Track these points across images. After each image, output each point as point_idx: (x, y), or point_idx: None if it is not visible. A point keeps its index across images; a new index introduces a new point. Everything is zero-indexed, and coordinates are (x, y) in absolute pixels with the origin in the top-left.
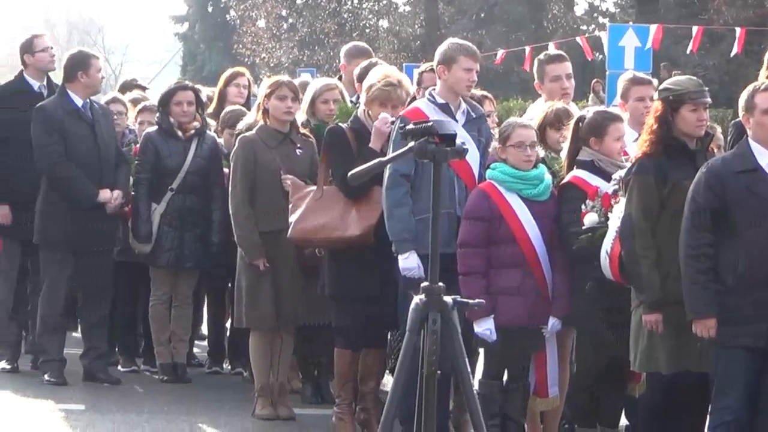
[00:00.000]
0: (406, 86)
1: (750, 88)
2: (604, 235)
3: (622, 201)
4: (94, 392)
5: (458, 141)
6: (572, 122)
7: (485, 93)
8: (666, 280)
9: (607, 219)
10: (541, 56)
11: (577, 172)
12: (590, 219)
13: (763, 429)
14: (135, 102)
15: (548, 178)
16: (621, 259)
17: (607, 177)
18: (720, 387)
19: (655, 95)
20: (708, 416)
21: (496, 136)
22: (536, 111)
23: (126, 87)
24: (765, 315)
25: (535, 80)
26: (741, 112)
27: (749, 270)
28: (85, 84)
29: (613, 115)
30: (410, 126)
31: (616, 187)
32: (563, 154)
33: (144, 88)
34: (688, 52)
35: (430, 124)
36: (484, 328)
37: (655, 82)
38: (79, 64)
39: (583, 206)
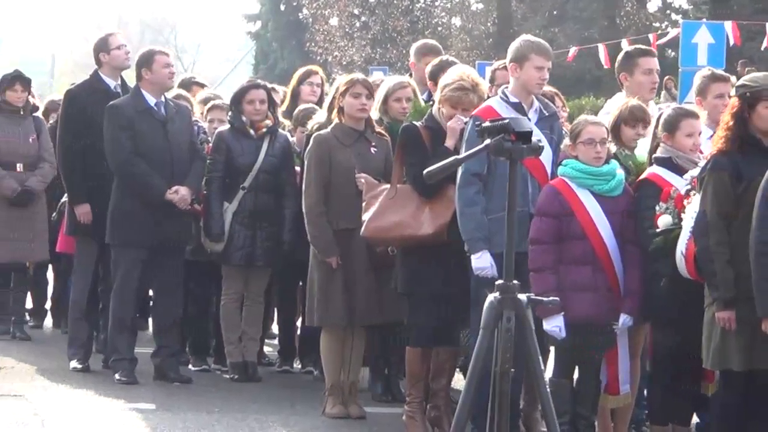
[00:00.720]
0: (481, 90)
1: None
2: (678, 237)
3: (695, 200)
4: (164, 391)
5: (534, 138)
6: (654, 119)
7: (554, 90)
8: (740, 277)
9: (681, 220)
10: (630, 49)
11: (655, 169)
12: (664, 221)
13: None
14: (205, 101)
15: (620, 173)
16: (696, 258)
17: (684, 174)
18: None
19: (732, 92)
20: None
21: (567, 133)
22: (615, 105)
23: (185, 86)
24: None
25: (619, 74)
26: None
27: None
28: (150, 80)
29: (687, 111)
30: (486, 124)
31: (689, 186)
32: (637, 151)
33: (202, 86)
34: (762, 48)
35: (506, 121)
36: (553, 325)
37: (732, 79)
38: (144, 62)
39: (657, 207)
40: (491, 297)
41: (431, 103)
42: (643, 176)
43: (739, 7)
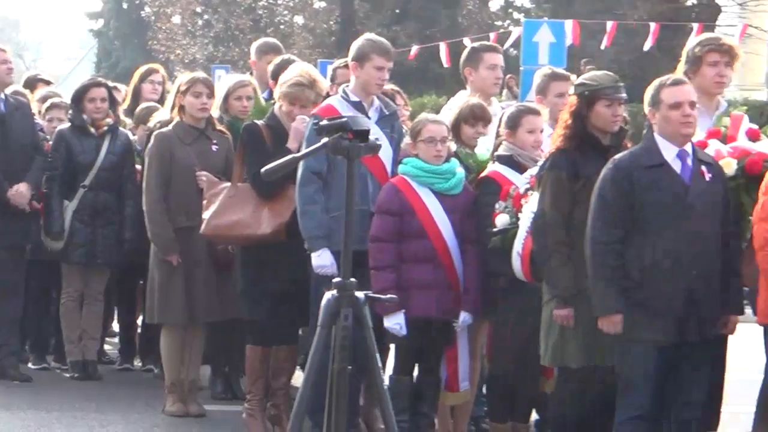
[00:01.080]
0: (319, 87)
1: (656, 83)
2: (515, 236)
3: (532, 199)
4: (4, 390)
5: (371, 137)
6: (496, 118)
7: (395, 87)
8: (578, 275)
9: (518, 219)
10: (476, 44)
11: (496, 167)
12: (502, 220)
13: (670, 424)
14: (44, 99)
15: (461, 172)
16: (532, 259)
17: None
18: (627, 382)
19: (571, 90)
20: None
21: (408, 131)
22: (457, 104)
23: (30, 83)
24: (672, 310)
25: (463, 68)
26: (647, 107)
27: (656, 265)
28: None
29: (528, 108)
30: (324, 122)
31: (528, 185)
32: (478, 150)
33: (48, 83)
34: (603, 47)
35: (344, 120)
36: (394, 322)
37: (573, 78)
38: None
39: (496, 206)
40: (329, 295)
41: (272, 101)
42: (484, 174)
43: (579, 6)
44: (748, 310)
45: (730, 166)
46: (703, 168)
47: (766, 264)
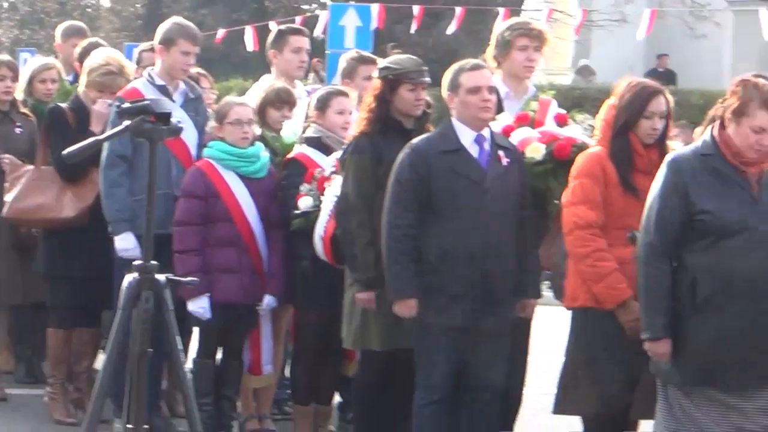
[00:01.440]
0: (127, 72)
1: (455, 67)
2: (318, 219)
3: (335, 183)
4: None
5: (174, 120)
6: (306, 103)
7: (201, 71)
8: (380, 259)
9: (321, 203)
10: (283, 27)
11: (303, 149)
12: (305, 203)
13: (467, 406)
14: None
15: (266, 155)
16: (333, 241)
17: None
18: (424, 366)
19: (375, 73)
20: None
21: (214, 114)
22: (260, 88)
23: None
24: (467, 294)
25: (269, 51)
26: (445, 92)
27: (452, 249)
28: None
29: (337, 90)
30: (126, 105)
31: (333, 169)
32: (283, 133)
33: None
34: (412, 31)
35: (145, 102)
36: (198, 306)
37: (380, 61)
38: None
39: (301, 188)
40: (129, 277)
41: (77, 84)
42: (291, 155)
43: None
44: (549, 293)
45: (538, 151)
46: (501, 153)
47: (573, 248)
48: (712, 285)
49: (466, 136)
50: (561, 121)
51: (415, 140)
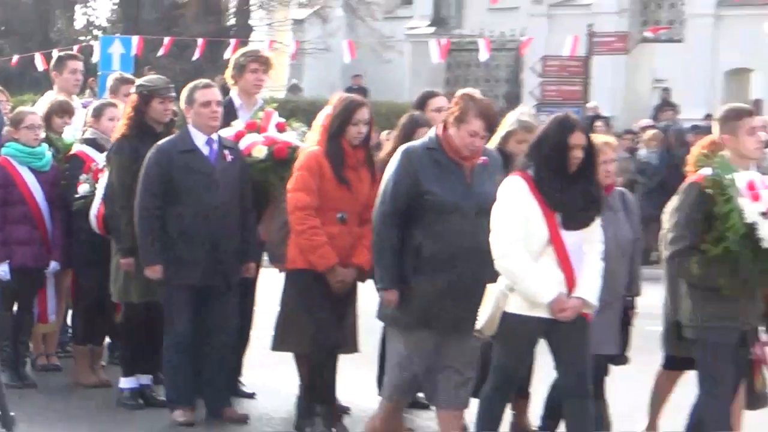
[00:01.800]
0: None
1: (191, 85)
2: (93, 201)
3: (106, 174)
4: None
5: None
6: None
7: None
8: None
9: (96, 189)
10: (62, 53)
11: (82, 147)
12: (83, 189)
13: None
14: None
15: (50, 153)
16: (104, 219)
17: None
18: (169, 317)
19: (133, 89)
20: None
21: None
22: (46, 100)
23: None
24: (200, 260)
25: (52, 72)
26: (183, 105)
27: (188, 227)
28: None
29: (108, 102)
30: None
31: (105, 163)
32: (65, 135)
33: None
34: (158, 55)
35: None
36: (1, 270)
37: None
38: None
39: (81, 177)
40: None
41: None
42: (72, 152)
43: (144, 25)
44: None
45: (261, 152)
46: (226, 152)
47: (296, 225)
48: (432, 250)
49: (199, 139)
50: (281, 128)
51: (160, 142)
